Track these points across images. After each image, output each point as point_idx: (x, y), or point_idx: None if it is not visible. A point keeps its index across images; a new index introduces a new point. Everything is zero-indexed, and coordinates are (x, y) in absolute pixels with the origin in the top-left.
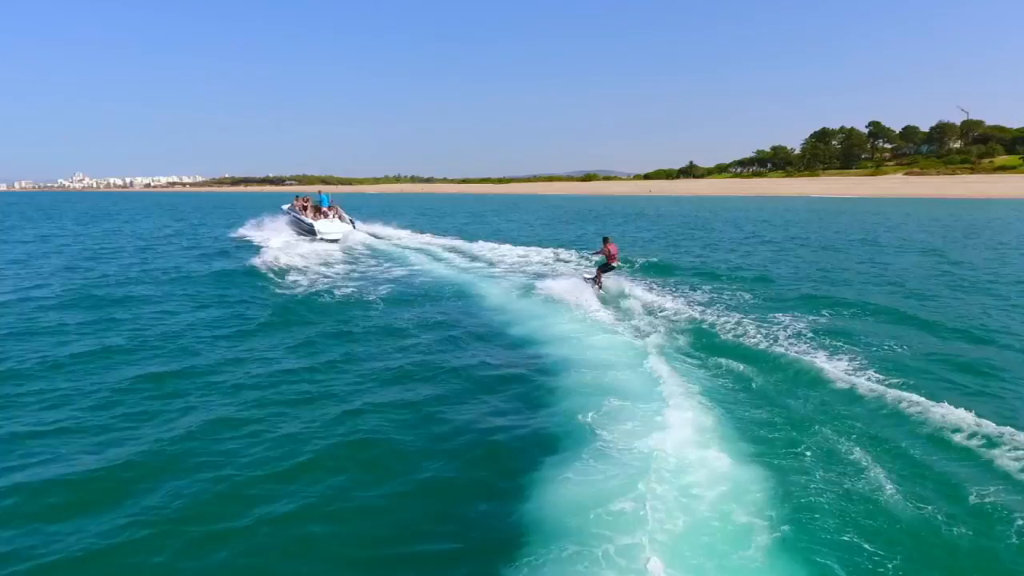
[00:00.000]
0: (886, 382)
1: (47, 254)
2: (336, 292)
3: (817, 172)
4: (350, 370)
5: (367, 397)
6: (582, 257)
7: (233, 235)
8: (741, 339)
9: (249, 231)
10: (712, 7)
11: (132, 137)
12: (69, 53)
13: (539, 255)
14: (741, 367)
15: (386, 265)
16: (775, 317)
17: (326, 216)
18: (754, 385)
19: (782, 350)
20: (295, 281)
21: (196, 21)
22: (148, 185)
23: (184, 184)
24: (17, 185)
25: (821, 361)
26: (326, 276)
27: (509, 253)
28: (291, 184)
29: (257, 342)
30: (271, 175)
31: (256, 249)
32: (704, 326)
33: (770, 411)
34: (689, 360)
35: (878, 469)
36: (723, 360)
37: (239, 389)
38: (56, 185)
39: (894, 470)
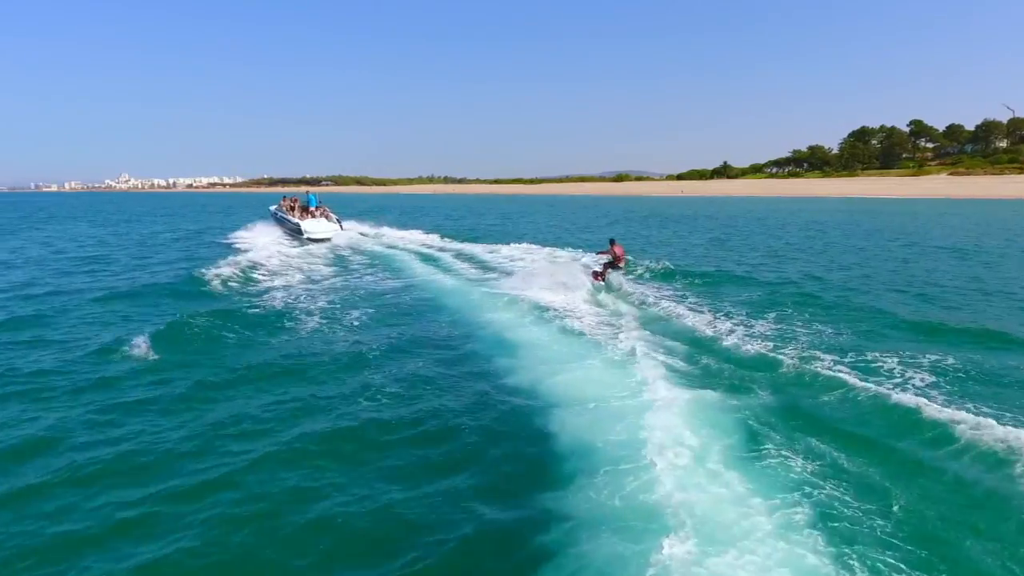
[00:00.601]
0: None
1: (28, 262)
2: (291, 312)
3: (856, 172)
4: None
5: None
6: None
7: (230, 237)
8: (847, 399)
9: (244, 233)
10: (746, 4)
11: (177, 139)
12: (117, 56)
13: (564, 264)
14: (852, 460)
15: (381, 276)
16: (885, 360)
17: (313, 216)
18: (895, 507)
19: (921, 417)
20: (242, 296)
21: (234, 25)
22: (190, 186)
23: (224, 185)
24: (67, 186)
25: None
26: (297, 287)
27: (531, 264)
28: (327, 184)
29: (131, 396)
30: (307, 176)
31: (233, 252)
32: (786, 374)
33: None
34: (770, 436)
35: None
36: (818, 442)
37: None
38: (103, 186)
39: None
